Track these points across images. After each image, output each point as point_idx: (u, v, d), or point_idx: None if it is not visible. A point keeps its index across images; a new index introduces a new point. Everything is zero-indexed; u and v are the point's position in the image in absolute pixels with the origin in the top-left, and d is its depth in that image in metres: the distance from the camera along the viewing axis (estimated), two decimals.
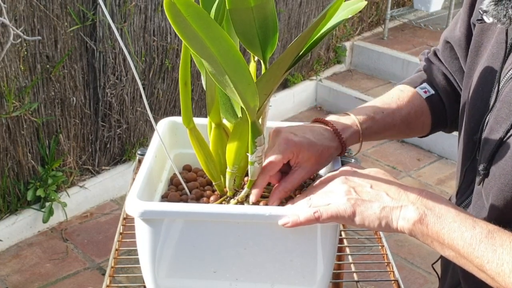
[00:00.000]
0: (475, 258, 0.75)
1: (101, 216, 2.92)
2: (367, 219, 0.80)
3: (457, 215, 0.77)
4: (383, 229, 0.80)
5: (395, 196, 0.80)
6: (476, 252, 0.75)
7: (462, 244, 0.75)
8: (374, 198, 0.80)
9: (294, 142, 0.90)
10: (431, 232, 0.78)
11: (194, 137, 0.92)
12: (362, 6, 0.90)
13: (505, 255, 0.73)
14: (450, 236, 0.76)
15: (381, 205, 0.80)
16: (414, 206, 0.79)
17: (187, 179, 1.01)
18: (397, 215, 0.79)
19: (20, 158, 2.64)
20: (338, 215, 0.80)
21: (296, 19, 3.72)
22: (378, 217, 0.79)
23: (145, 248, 0.86)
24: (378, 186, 0.82)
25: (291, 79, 3.87)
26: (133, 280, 1.89)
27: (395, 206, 0.79)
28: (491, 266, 0.74)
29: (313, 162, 0.92)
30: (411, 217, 0.78)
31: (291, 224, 0.82)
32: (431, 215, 0.78)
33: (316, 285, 0.89)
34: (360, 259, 1.31)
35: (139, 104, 3.00)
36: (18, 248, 2.69)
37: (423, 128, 1.09)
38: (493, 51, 0.91)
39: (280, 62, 0.81)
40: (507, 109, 0.84)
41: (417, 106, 1.06)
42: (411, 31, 4.44)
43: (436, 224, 0.77)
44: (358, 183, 0.82)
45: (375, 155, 3.44)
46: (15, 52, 2.47)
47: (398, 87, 1.10)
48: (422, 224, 0.78)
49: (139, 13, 2.83)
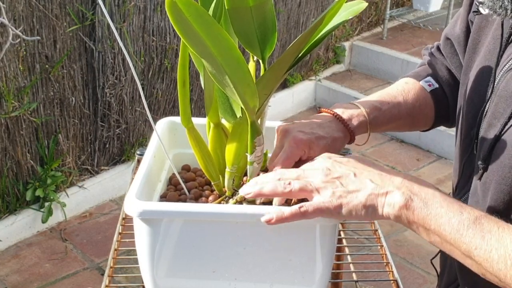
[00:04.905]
0: (462, 244, 0.74)
1: (100, 216, 2.92)
2: (353, 209, 0.78)
3: (444, 200, 0.76)
4: (369, 217, 0.78)
5: (380, 182, 0.78)
6: (463, 238, 0.73)
7: (449, 230, 0.74)
8: (359, 187, 0.78)
9: (303, 140, 0.90)
10: (417, 218, 0.76)
11: (193, 137, 0.92)
12: (363, 7, 0.90)
13: (494, 241, 0.72)
14: (437, 222, 0.75)
15: (366, 193, 0.78)
16: (400, 191, 0.77)
17: (186, 179, 1.01)
18: (383, 202, 0.77)
19: (19, 158, 2.64)
20: (324, 209, 0.78)
21: (295, 19, 3.72)
22: (364, 205, 0.78)
23: (144, 248, 0.86)
24: (361, 174, 0.80)
25: (290, 79, 3.87)
26: (132, 280, 1.89)
27: (380, 192, 0.77)
28: (479, 253, 0.73)
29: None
30: (397, 203, 0.76)
31: (275, 220, 0.79)
32: (417, 200, 0.76)
33: (315, 284, 0.89)
34: (359, 259, 1.31)
35: (138, 104, 3.00)
36: (17, 248, 2.69)
37: (426, 121, 1.09)
38: (489, 47, 0.92)
39: (280, 62, 0.82)
40: (504, 103, 0.84)
41: (422, 99, 1.06)
42: (410, 31, 4.44)
43: (422, 210, 0.76)
44: (341, 173, 0.80)
45: (375, 155, 3.44)
46: (14, 52, 2.47)
47: (402, 80, 1.10)
48: (408, 209, 0.76)
49: (138, 13, 2.83)
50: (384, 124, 1.03)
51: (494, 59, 0.89)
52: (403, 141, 3.58)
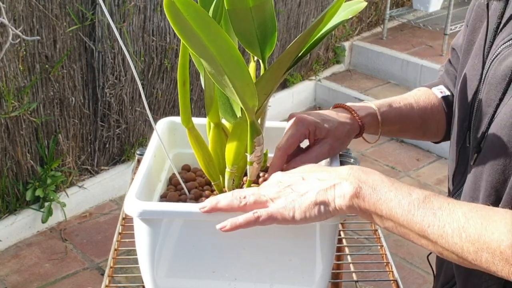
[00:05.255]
0: (415, 224, 0.74)
1: (100, 216, 2.92)
2: (306, 211, 0.78)
3: (392, 185, 0.76)
4: (323, 215, 0.78)
5: (327, 177, 0.79)
6: (415, 218, 0.74)
7: (400, 212, 0.74)
8: (308, 187, 0.79)
9: (308, 120, 0.93)
10: (368, 205, 0.76)
11: (193, 137, 0.92)
12: (362, 6, 0.90)
13: (445, 216, 0.72)
14: (388, 206, 0.75)
15: (315, 191, 0.78)
16: (348, 181, 0.77)
17: (186, 179, 1.01)
18: (333, 195, 0.77)
19: (19, 158, 2.64)
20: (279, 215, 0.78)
21: (295, 19, 3.72)
22: (315, 203, 0.78)
23: (144, 248, 0.86)
24: (309, 176, 0.81)
25: (290, 79, 3.87)
26: (132, 280, 1.89)
27: (328, 186, 0.78)
28: (433, 230, 0.73)
29: (330, 137, 0.93)
30: (347, 192, 0.77)
31: (230, 227, 0.79)
32: (366, 187, 0.76)
33: (315, 285, 0.89)
34: (359, 259, 1.31)
35: (138, 104, 3.00)
36: (17, 248, 2.69)
37: (438, 128, 1.10)
38: (480, 43, 0.94)
39: (280, 62, 0.82)
40: (494, 90, 0.85)
41: (433, 104, 1.08)
42: (410, 31, 4.44)
43: (372, 196, 0.76)
44: (291, 181, 0.81)
45: (374, 155, 3.44)
46: (14, 52, 2.47)
47: (416, 89, 1.12)
48: (359, 197, 0.76)
49: (138, 13, 2.83)
50: (395, 122, 1.04)
51: (482, 51, 0.91)
52: (403, 141, 3.58)
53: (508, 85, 0.83)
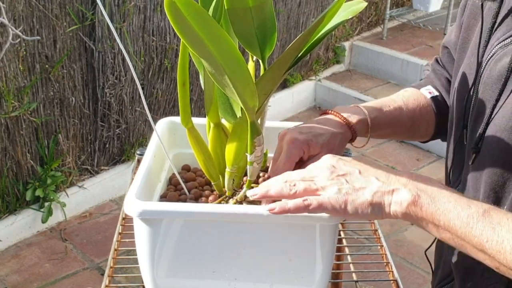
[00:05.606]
0: (473, 238, 0.73)
1: (100, 216, 2.92)
2: (359, 207, 0.77)
3: (451, 195, 0.76)
4: (376, 216, 0.78)
5: (386, 180, 0.78)
6: (474, 231, 0.73)
7: (459, 224, 0.74)
8: (365, 184, 0.78)
9: (300, 140, 0.91)
10: (425, 214, 0.75)
11: (192, 137, 0.92)
12: (362, 7, 0.90)
13: (504, 232, 0.72)
14: (446, 217, 0.74)
15: (372, 191, 0.77)
16: (406, 188, 0.77)
17: (186, 179, 1.01)
18: (389, 200, 0.77)
19: (19, 158, 2.64)
20: (330, 205, 0.77)
21: (295, 19, 3.72)
22: (370, 203, 0.77)
23: (144, 248, 0.86)
24: (367, 171, 0.80)
25: (290, 79, 3.87)
26: (132, 280, 1.89)
27: (387, 190, 0.77)
28: (491, 245, 0.72)
29: (324, 152, 0.91)
30: (405, 200, 0.76)
31: (278, 210, 0.78)
32: (425, 196, 0.76)
33: (315, 285, 0.89)
34: (359, 259, 1.31)
35: (138, 104, 3.00)
36: (17, 248, 2.69)
37: (427, 129, 1.10)
38: (476, 42, 0.94)
39: (280, 62, 0.82)
40: (489, 90, 0.85)
41: (422, 105, 1.07)
42: (410, 31, 4.44)
43: (430, 205, 0.75)
44: (347, 170, 0.80)
45: (374, 155, 3.44)
46: (14, 52, 2.47)
47: (403, 89, 1.12)
48: (416, 206, 0.76)
49: (138, 13, 2.83)
50: (385, 126, 1.04)
51: (477, 50, 0.91)
52: (403, 141, 3.59)
53: (504, 86, 0.83)
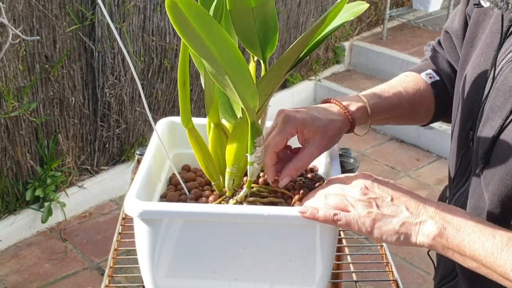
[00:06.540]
0: (498, 267, 0.75)
1: (100, 216, 2.92)
2: (385, 234, 0.81)
3: (475, 226, 0.78)
4: (401, 243, 0.81)
5: (415, 210, 0.81)
6: (498, 261, 0.75)
7: (483, 254, 0.76)
8: (394, 212, 0.81)
9: (296, 118, 0.91)
10: (451, 245, 0.78)
11: (193, 137, 0.92)
12: (364, 8, 0.90)
13: None
14: (471, 248, 0.77)
15: (401, 221, 0.80)
16: (433, 220, 0.79)
17: (186, 179, 1.01)
18: (416, 231, 0.80)
19: (19, 158, 2.64)
20: (356, 225, 0.81)
21: (295, 19, 3.72)
22: (396, 232, 0.80)
23: (144, 248, 0.86)
24: (398, 200, 0.82)
25: (290, 79, 3.87)
26: (132, 280, 1.89)
27: (414, 222, 0.80)
28: None
29: (320, 136, 0.92)
30: (431, 232, 0.79)
31: (308, 215, 0.81)
32: (450, 228, 0.78)
33: (315, 285, 0.89)
34: (359, 259, 1.31)
35: (138, 104, 3.00)
36: (17, 248, 2.68)
37: (427, 114, 1.10)
38: (487, 41, 0.92)
39: (281, 63, 0.81)
40: (502, 97, 0.84)
41: (422, 90, 1.07)
42: (410, 31, 4.44)
43: (456, 237, 0.78)
44: (379, 195, 0.83)
45: (374, 155, 3.44)
46: (14, 52, 2.47)
47: (403, 73, 1.11)
48: (442, 237, 0.78)
49: (138, 13, 2.83)
50: (385, 112, 1.04)
51: (492, 53, 0.90)
52: (403, 141, 3.58)
53: None
